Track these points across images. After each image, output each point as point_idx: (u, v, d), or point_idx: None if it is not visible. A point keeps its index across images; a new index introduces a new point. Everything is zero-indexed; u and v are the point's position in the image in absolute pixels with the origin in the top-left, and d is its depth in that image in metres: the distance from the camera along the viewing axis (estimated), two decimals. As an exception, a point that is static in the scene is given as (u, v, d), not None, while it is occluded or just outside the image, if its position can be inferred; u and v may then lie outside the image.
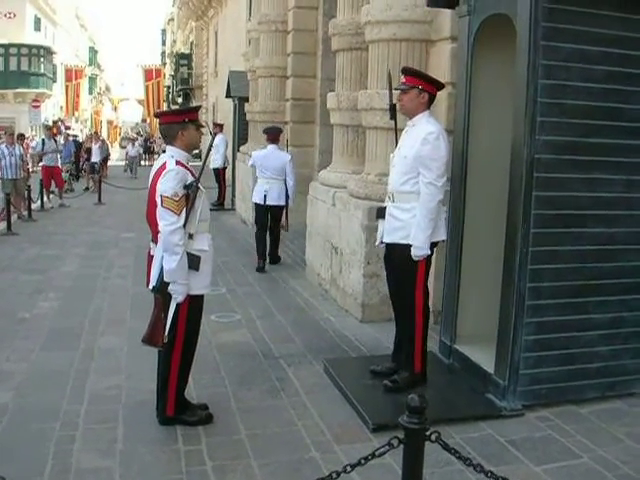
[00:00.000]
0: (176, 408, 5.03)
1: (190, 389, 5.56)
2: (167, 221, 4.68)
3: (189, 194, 4.77)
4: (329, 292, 8.80)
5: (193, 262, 4.81)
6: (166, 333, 4.86)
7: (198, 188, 4.83)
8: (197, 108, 5.48)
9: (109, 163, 32.02)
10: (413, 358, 5.53)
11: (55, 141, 20.56)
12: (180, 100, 53.23)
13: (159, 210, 4.71)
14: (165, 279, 4.75)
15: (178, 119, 4.99)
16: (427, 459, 3.38)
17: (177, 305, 4.84)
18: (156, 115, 5.29)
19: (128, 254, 11.81)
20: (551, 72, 4.88)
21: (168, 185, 4.70)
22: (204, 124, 5.77)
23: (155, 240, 4.88)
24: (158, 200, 4.71)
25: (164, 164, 4.84)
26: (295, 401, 5.53)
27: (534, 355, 5.17)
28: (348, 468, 3.23)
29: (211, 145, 5.55)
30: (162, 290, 4.80)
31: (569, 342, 5.26)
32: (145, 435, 4.92)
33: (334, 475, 3.20)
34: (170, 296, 4.81)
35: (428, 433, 3.22)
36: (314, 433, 4.95)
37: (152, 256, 4.99)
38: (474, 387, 5.54)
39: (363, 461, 3.23)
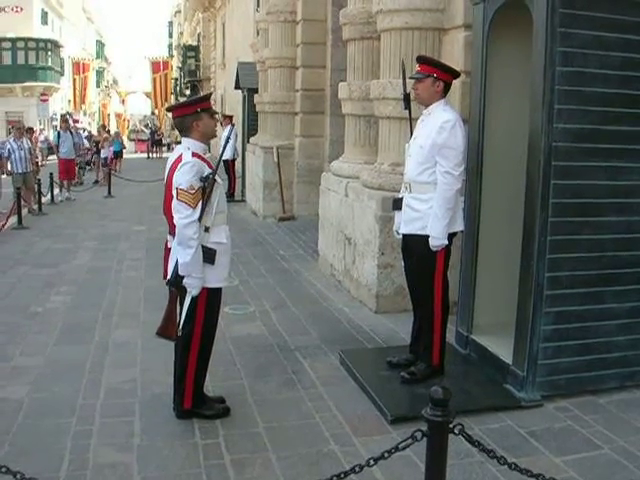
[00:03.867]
0: (193, 401, 5.01)
1: (206, 382, 5.53)
2: (182, 214, 4.63)
3: (205, 187, 4.72)
4: (342, 283, 8.76)
5: (208, 256, 4.76)
6: (180, 326, 4.84)
7: (215, 180, 4.78)
8: (209, 96, 5.40)
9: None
10: (431, 350, 5.49)
11: (71, 133, 20.51)
12: (188, 92, 53.17)
13: (174, 203, 4.67)
14: (180, 272, 4.72)
15: (190, 110, 4.90)
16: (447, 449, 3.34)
17: (194, 298, 4.80)
18: (168, 109, 5.23)
19: (140, 247, 11.80)
20: (569, 59, 4.82)
21: (184, 178, 4.64)
22: (217, 111, 5.74)
23: (172, 233, 4.82)
24: (174, 193, 4.67)
25: (180, 156, 4.78)
26: (312, 393, 5.50)
27: (553, 345, 5.12)
28: (371, 462, 3.19)
29: (228, 138, 5.47)
30: (178, 283, 4.77)
31: (588, 332, 5.21)
32: (162, 429, 4.89)
33: (357, 469, 3.17)
34: (186, 289, 4.77)
35: (451, 426, 3.18)
36: (332, 425, 4.92)
37: (169, 249, 4.95)
38: (492, 378, 5.50)
39: (387, 454, 3.19)
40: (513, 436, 4.72)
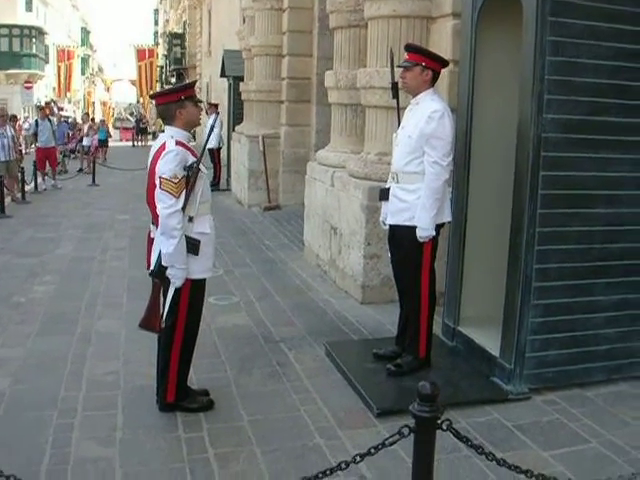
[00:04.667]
0: (177, 394, 4.93)
1: (190, 374, 5.45)
2: (165, 204, 4.52)
3: (189, 176, 4.62)
4: (328, 273, 8.70)
5: (192, 246, 4.68)
6: (163, 318, 4.75)
7: (199, 169, 4.68)
8: (193, 84, 5.29)
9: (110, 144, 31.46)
10: (418, 342, 5.43)
11: (50, 121, 20.30)
12: (174, 80, 52.84)
13: (157, 192, 4.56)
14: (163, 263, 4.63)
15: (174, 98, 4.79)
16: (434, 444, 3.29)
17: (177, 289, 4.71)
18: (152, 97, 5.13)
19: (124, 236, 11.69)
20: (559, 49, 4.75)
21: (167, 167, 4.54)
22: (202, 100, 5.63)
23: (156, 223, 4.72)
24: (157, 182, 4.56)
25: (163, 144, 4.67)
26: (297, 386, 5.43)
27: (540, 338, 5.08)
28: (357, 458, 3.13)
29: (212, 127, 5.34)
30: (161, 274, 4.68)
31: (576, 325, 5.17)
32: (145, 422, 4.81)
33: (343, 465, 3.10)
34: (170, 280, 4.69)
35: (439, 421, 3.12)
36: (317, 419, 4.86)
37: (152, 239, 4.85)
38: (479, 370, 5.46)
39: (373, 450, 3.12)
40: (500, 430, 4.67)
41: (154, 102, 5.03)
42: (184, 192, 4.59)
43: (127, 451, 4.42)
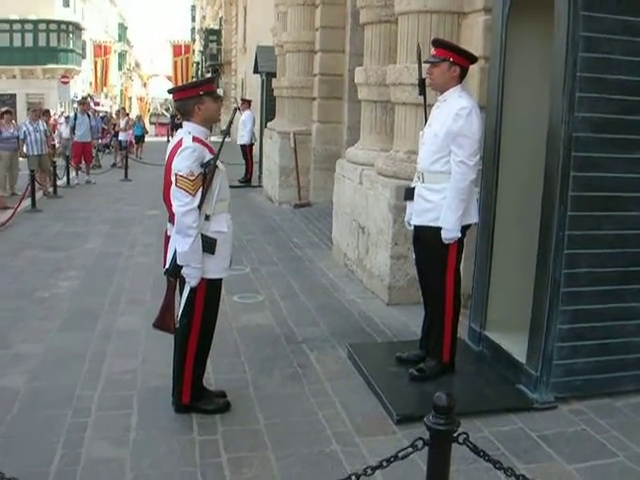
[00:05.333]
0: (192, 395, 4.83)
1: (208, 374, 5.38)
2: (180, 202, 4.42)
3: (206, 173, 4.50)
4: (355, 273, 8.56)
5: (208, 245, 4.56)
6: (178, 318, 4.66)
7: (216, 166, 4.56)
8: (213, 79, 5.19)
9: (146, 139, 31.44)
10: (442, 346, 5.27)
11: (89, 116, 20.34)
12: (209, 76, 53.02)
13: (173, 190, 4.46)
14: (178, 262, 4.54)
15: (193, 93, 4.68)
16: (453, 455, 3.11)
17: (192, 289, 4.61)
18: (170, 91, 5.09)
19: (152, 232, 11.61)
20: (592, 44, 4.56)
21: (183, 164, 4.43)
22: (221, 95, 5.54)
23: (172, 221, 4.60)
24: (173, 179, 4.46)
25: (180, 141, 4.57)
26: (317, 388, 5.30)
27: (568, 345, 4.89)
28: (369, 470, 2.99)
29: (230, 122, 5.23)
30: (176, 273, 4.59)
31: (606, 332, 4.97)
32: (159, 423, 4.73)
33: (353, 478, 2.96)
34: (178, 280, 4.61)
35: (456, 434, 2.97)
36: (335, 424, 4.72)
37: (169, 237, 4.73)
38: (504, 377, 5.28)
39: (385, 463, 2.98)
40: (524, 440, 4.50)
41: (173, 96, 4.89)
42: (200, 190, 4.47)
43: (139, 453, 4.33)
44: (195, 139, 4.54)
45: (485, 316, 5.77)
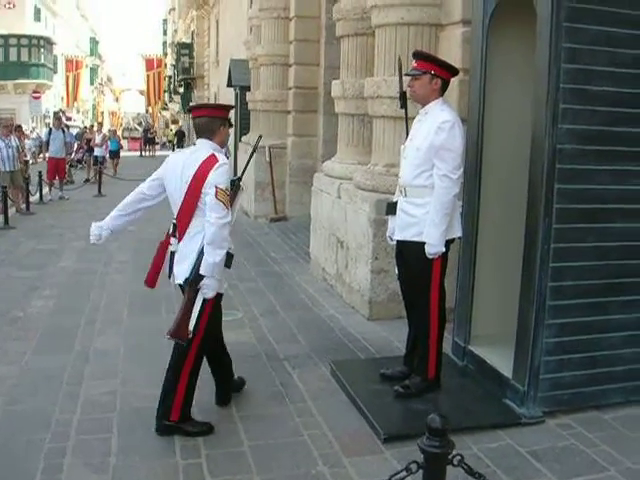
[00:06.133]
0: (181, 414, 4.72)
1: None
2: (219, 214, 4.52)
3: (232, 190, 4.75)
4: (334, 288, 8.48)
5: (228, 259, 4.73)
6: (191, 328, 4.65)
7: (240, 186, 4.83)
8: (232, 107, 5.30)
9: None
10: (427, 362, 5.19)
11: (63, 131, 20.12)
12: (182, 90, 52.90)
13: (212, 202, 4.51)
14: (202, 272, 4.57)
15: (221, 114, 4.87)
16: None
17: (204, 301, 4.67)
18: (195, 108, 5.08)
19: (128, 248, 11.49)
20: (575, 56, 4.53)
21: (223, 178, 4.56)
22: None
23: (180, 236, 4.71)
24: (211, 191, 4.50)
25: (212, 156, 4.62)
26: (301, 408, 5.20)
27: (555, 359, 4.84)
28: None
29: (255, 147, 5.50)
30: (193, 284, 4.63)
31: (592, 345, 4.92)
32: (141, 447, 4.59)
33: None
34: (196, 291, 4.64)
35: (450, 457, 2.89)
36: (321, 444, 4.62)
37: (172, 252, 4.81)
38: (490, 392, 5.22)
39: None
40: (513, 456, 4.43)
41: (197, 113, 4.89)
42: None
43: (121, 479, 4.20)
44: None
45: (469, 330, 5.72)
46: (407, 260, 5.25)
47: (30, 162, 21.65)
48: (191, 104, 5.70)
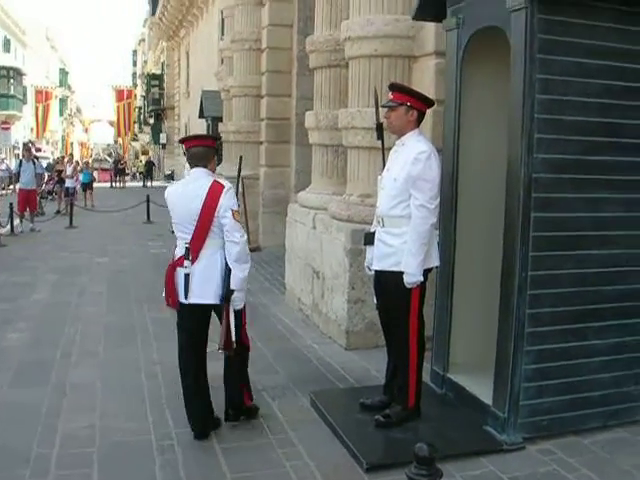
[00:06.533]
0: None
1: (169, 427, 5.27)
2: (240, 232, 5.06)
3: None
4: (311, 318, 8.49)
5: None
6: (233, 339, 5.15)
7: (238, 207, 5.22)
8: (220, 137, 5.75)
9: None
10: (407, 392, 5.21)
11: (34, 163, 19.97)
12: (152, 121, 52.89)
13: (231, 223, 5.00)
14: (233, 287, 5.06)
15: (213, 144, 5.38)
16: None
17: (239, 312, 5.25)
18: (189, 139, 5.50)
19: (101, 280, 11.43)
20: (548, 86, 4.64)
21: (233, 201, 5.07)
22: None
23: (193, 259, 5.06)
24: (227, 214, 4.98)
25: (216, 183, 5.07)
26: (282, 439, 5.18)
27: (535, 385, 4.89)
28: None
29: (239, 170, 5.88)
30: (227, 300, 5.11)
31: (570, 370, 4.99)
32: (122, 481, 4.56)
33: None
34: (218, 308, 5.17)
35: (438, 485, 2.91)
36: (304, 475, 4.60)
37: (186, 274, 5.09)
38: (470, 419, 5.24)
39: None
40: (496, 483, 4.46)
41: (192, 143, 5.33)
42: None
43: (102, 515, 4.17)
44: None
45: (448, 358, 5.75)
46: (386, 290, 5.29)
47: None
48: (183, 136, 6.11)
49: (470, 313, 5.75)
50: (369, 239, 5.42)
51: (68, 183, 25.38)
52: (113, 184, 43.17)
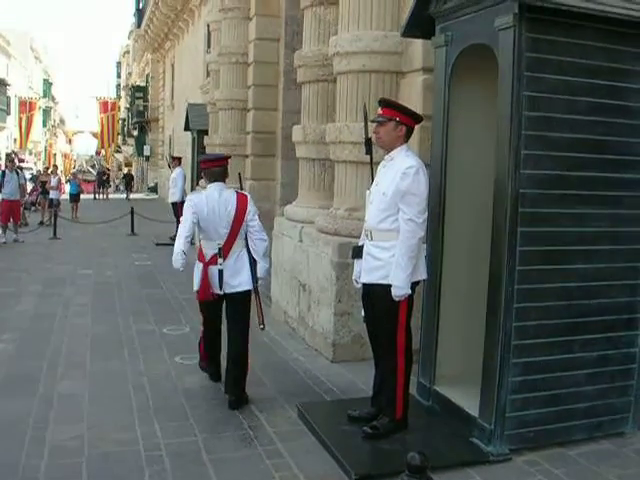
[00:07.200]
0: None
1: (157, 438, 5.29)
2: (265, 232, 6.27)
3: None
4: (297, 331, 8.52)
5: None
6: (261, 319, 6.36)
7: None
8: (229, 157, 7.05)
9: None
10: (394, 403, 5.25)
11: (17, 173, 19.87)
12: (136, 133, 52.81)
13: (259, 225, 6.23)
14: (260, 275, 6.26)
15: (227, 163, 6.48)
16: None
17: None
18: (212, 160, 6.56)
19: (86, 291, 11.43)
20: (536, 104, 4.73)
21: (256, 207, 6.29)
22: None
23: (225, 256, 6.14)
24: (255, 218, 6.19)
25: (239, 194, 6.24)
26: (270, 450, 5.21)
27: (521, 397, 4.96)
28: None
29: (241, 183, 7.12)
30: (257, 287, 6.29)
31: (556, 382, 5.06)
32: (111, 492, 4.58)
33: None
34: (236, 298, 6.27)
35: (429, 494, 2.96)
36: (293, 486, 4.66)
37: (220, 270, 6.16)
38: (457, 431, 5.29)
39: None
40: (483, 495, 4.52)
41: (215, 164, 6.38)
42: None
43: (92, 525, 4.18)
44: None
45: (434, 371, 5.80)
46: (374, 303, 5.34)
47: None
48: (204, 156, 6.85)
49: (457, 326, 5.81)
50: (357, 252, 5.48)
51: (52, 194, 25.22)
52: (96, 196, 43.00)
